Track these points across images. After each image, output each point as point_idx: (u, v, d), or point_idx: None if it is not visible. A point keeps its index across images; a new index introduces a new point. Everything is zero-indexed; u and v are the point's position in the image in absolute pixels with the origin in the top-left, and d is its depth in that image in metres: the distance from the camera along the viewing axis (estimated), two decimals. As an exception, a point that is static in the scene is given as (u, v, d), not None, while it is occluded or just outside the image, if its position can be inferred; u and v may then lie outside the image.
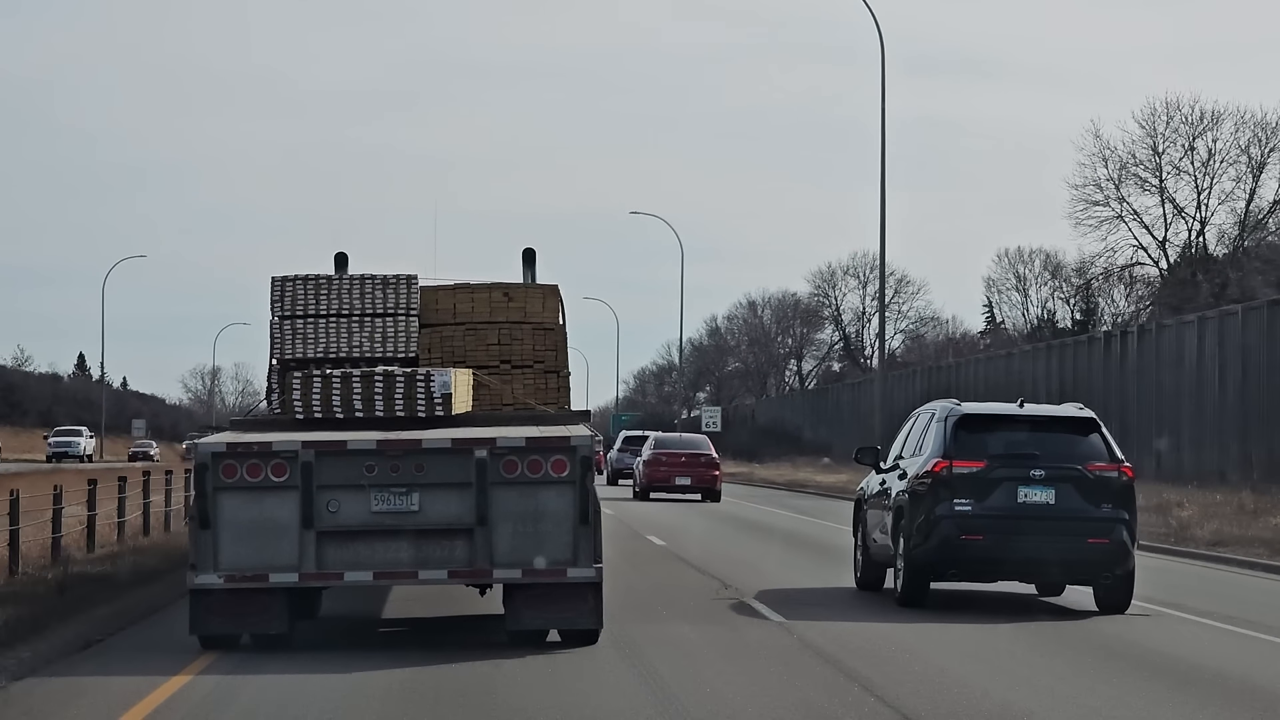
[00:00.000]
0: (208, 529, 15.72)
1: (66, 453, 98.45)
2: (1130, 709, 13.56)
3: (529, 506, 15.93)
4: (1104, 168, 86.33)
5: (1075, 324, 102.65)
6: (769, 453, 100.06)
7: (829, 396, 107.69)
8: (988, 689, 14.38)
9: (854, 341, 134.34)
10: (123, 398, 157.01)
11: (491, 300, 20.12)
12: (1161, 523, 35.43)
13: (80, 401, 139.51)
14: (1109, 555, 20.14)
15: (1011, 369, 69.81)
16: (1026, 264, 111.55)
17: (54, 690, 14.09)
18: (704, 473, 53.80)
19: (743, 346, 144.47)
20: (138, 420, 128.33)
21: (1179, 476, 47.31)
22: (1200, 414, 50.37)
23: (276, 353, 19.35)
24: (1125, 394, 56.32)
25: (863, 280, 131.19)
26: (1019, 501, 20.11)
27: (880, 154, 56.58)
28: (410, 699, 13.57)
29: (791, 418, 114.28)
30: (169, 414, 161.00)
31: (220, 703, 13.41)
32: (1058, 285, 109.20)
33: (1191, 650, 17.39)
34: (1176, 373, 52.35)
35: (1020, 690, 14.41)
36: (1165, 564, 29.11)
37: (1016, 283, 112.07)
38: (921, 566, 20.37)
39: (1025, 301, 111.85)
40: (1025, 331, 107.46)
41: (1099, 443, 20.58)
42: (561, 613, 16.14)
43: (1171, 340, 53.53)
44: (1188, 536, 33.40)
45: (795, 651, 16.39)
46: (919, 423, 21.89)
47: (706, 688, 14.06)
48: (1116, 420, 56.05)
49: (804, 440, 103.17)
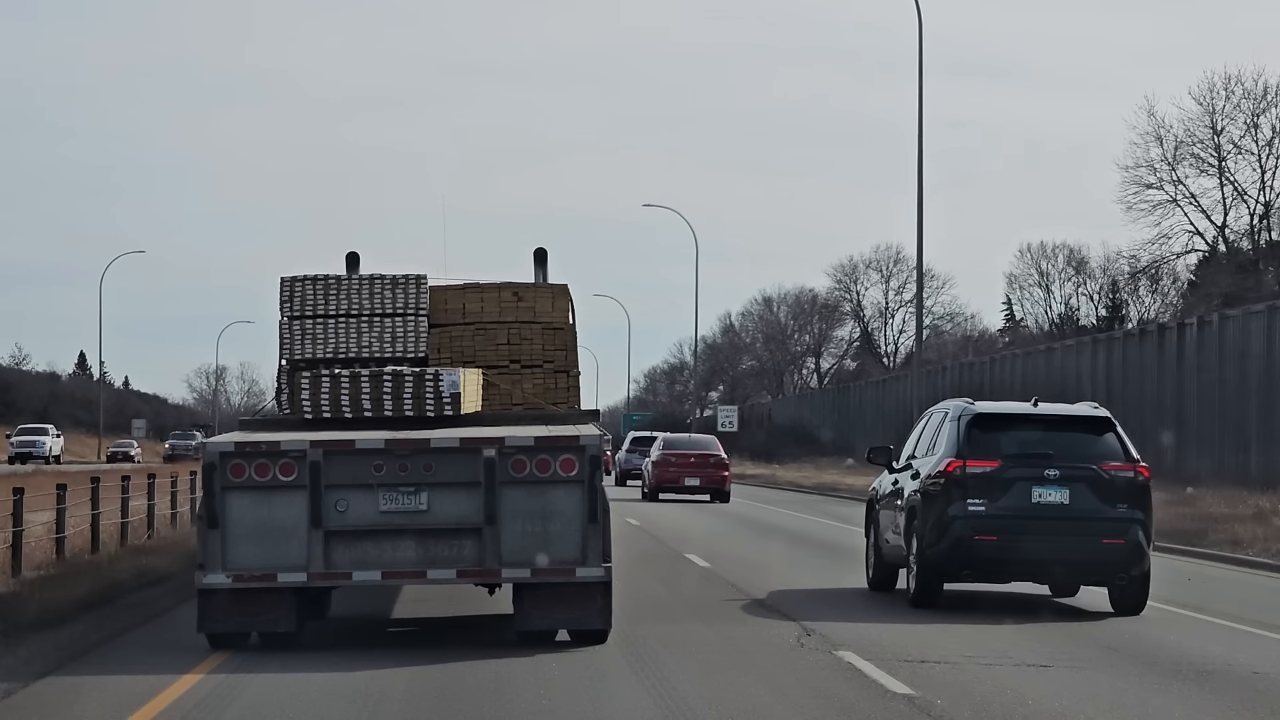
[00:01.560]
0: (216, 528, 16.06)
1: (31, 453, 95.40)
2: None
3: (537, 506, 16.26)
4: (1158, 147, 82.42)
5: (1101, 320, 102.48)
6: (788, 453, 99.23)
7: (851, 395, 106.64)
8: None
9: (874, 338, 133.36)
10: (123, 397, 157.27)
11: (501, 300, 20.42)
12: (1263, 534, 32.49)
13: (78, 400, 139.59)
14: (1125, 556, 20.31)
15: (1052, 365, 67.07)
16: (1050, 259, 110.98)
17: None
18: (713, 473, 54.33)
19: (758, 344, 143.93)
20: (138, 420, 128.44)
21: (1244, 480, 45.01)
22: (1271, 412, 47.84)
23: (286, 353, 19.63)
24: (1183, 391, 53.67)
25: (885, 274, 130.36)
26: (1033, 501, 20.32)
27: (917, 154, 52.61)
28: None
29: (811, 417, 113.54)
30: (171, 413, 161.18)
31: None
32: (1081, 281, 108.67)
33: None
34: (1241, 367, 49.80)
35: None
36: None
37: (1039, 278, 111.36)
38: (934, 567, 20.59)
39: (1048, 298, 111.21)
40: (1046, 329, 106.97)
41: (1114, 442, 20.77)
42: (570, 612, 16.45)
43: (1236, 332, 50.60)
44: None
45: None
46: (932, 422, 22.11)
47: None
48: (1173, 420, 53.22)
49: (824, 440, 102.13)
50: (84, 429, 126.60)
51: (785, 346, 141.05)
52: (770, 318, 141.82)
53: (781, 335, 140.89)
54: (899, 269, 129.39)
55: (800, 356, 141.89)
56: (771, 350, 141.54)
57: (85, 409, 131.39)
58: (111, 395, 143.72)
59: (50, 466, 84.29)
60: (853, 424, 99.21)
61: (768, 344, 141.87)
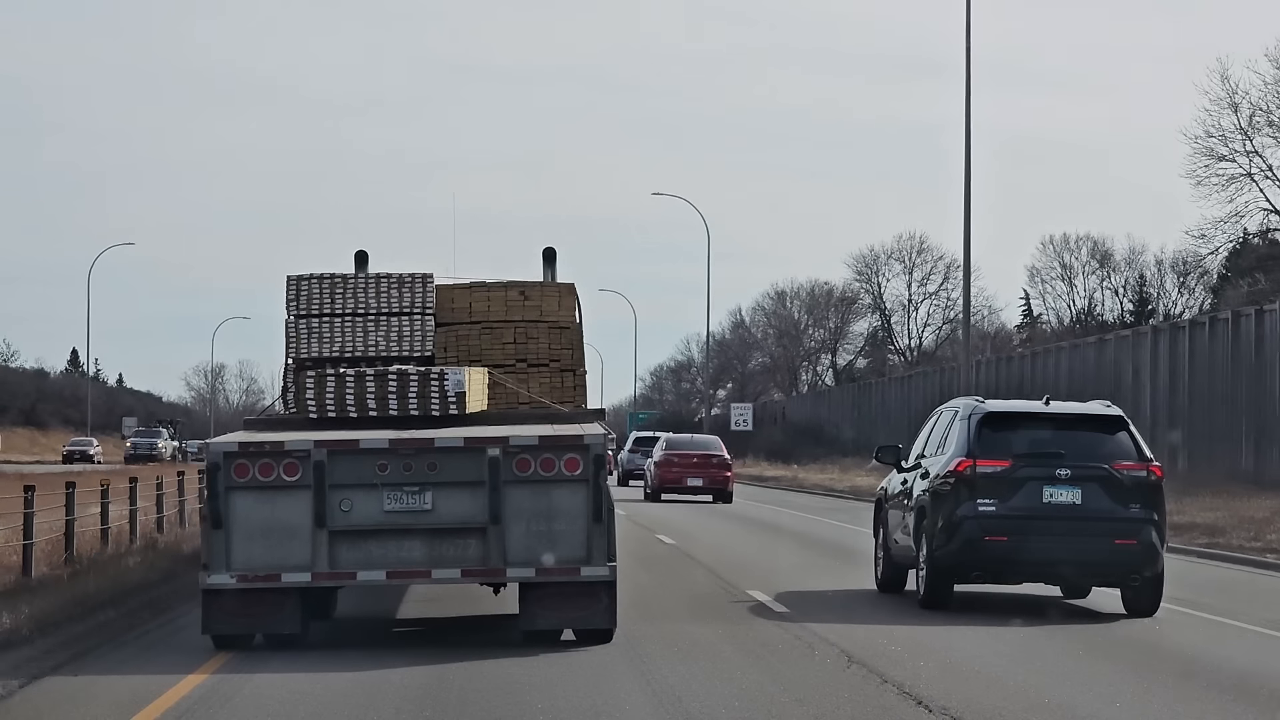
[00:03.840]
0: (220, 529, 16.57)
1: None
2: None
3: (542, 505, 16.77)
4: (1233, 115, 77.08)
5: (1129, 315, 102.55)
6: (806, 453, 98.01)
7: (873, 392, 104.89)
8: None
9: (896, 331, 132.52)
10: (114, 394, 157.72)
11: (507, 299, 20.88)
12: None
13: (67, 398, 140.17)
14: (1137, 557, 20.65)
15: (1104, 358, 63.89)
16: (1073, 252, 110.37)
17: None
18: (716, 474, 55.42)
19: (770, 340, 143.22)
20: (129, 418, 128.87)
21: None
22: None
23: (292, 352, 20.10)
24: (1262, 386, 50.84)
25: (908, 265, 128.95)
26: (1044, 501, 20.62)
27: (965, 156, 52.20)
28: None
29: (830, 415, 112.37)
30: (165, 411, 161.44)
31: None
32: (1105, 274, 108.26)
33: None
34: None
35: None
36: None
37: (1062, 272, 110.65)
38: (944, 568, 20.91)
39: (1071, 292, 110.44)
40: (1068, 324, 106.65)
41: (1127, 441, 21.08)
42: (575, 612, 16.96)
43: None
44: None
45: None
46: (941, 420, 22.42)
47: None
48: (1253, 419, 50.84)
49: (845, 440, 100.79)
50: (73, 427, 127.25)
51: (799, 342, 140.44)
52: (784, 313, 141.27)
53: (795, 331, 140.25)
54: (922, 259, 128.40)
55: (815, 352, 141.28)
56: (785, 346, 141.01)
57: (75, 407, 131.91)
58: (102, 393, 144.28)
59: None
60: (875, 422, 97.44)
61: (780, 339, 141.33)
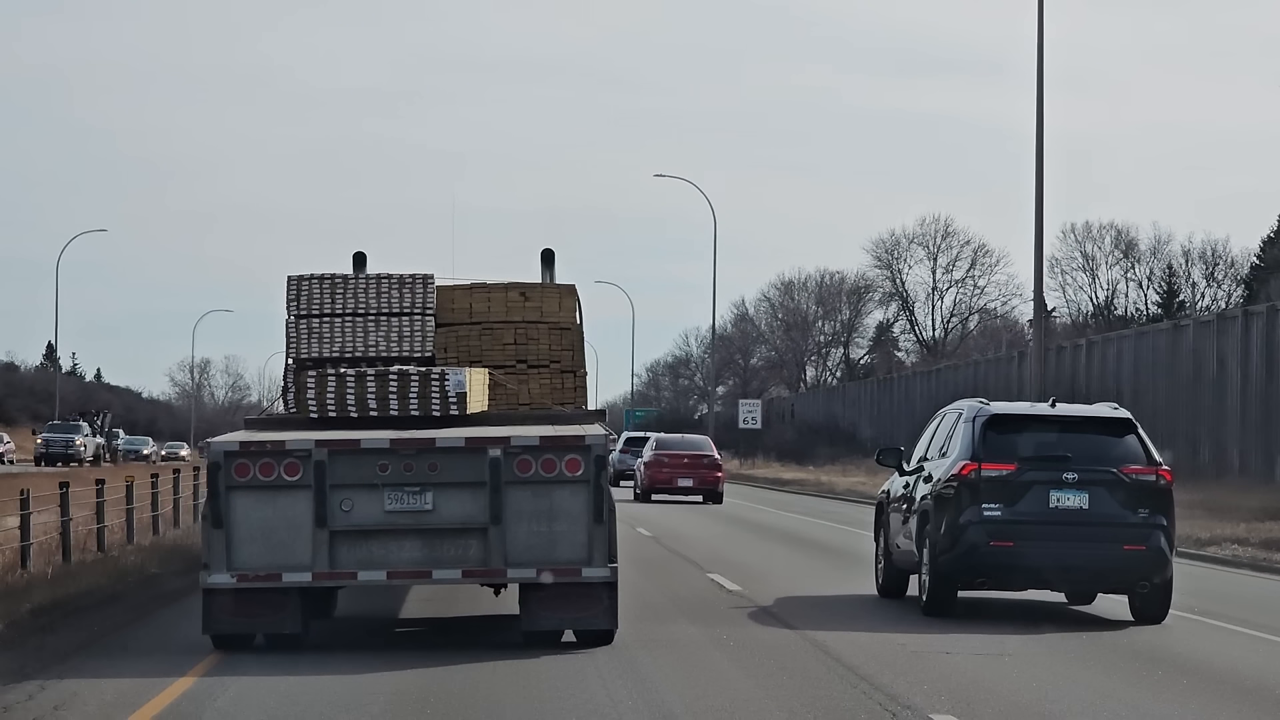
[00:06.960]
0: (220, 528, 17.41)
1: None
2: None
3: (543, 506, 17.61)
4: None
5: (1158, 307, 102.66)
6: (820, 454, 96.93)
7: (895, 388, 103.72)
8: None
9: (919, 322, 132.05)
10: (90, 390, 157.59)
11: (508, 300, 21.73)
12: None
13: (38, 393, 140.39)
14: (1146, 562, 21.15)
15: (1178, 347, 60.89)
16: (1095, 241, 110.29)
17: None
18: (706, 474, 57.03)
19: (776, 333, 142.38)
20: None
21: None
22: None
23: (292, 352, 20.93)
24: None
25: (932, 251, 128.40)
26: (1051, 506, 21.12)
27: (1037, 160, 48.32)
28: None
29: (845, 413, 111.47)
30: (144, 408, 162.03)
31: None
32: (1130, 265, 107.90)
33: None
34: None
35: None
36: None
37: (1084, 262, 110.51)
38: (948, 574, 21.37)
39: (1093, 283, 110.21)
40: (1091, 315, 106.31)
41: (1135, 444, 21.56)
42: (576, 613, 17.78)
43: None
44: None
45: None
46: (945, 423, 22.89)
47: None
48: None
49: (862, 439, 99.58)
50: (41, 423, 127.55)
51: (808, 335, 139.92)
52: (791, 304, 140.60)
53: (804, 323, 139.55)
54: (948, 244, 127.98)
55: (824, 346, 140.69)
56: (792, 340, 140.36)
57: (46, 402, 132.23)
58: (76, 388, 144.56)
59: None
60: (898, 420, 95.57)
61: (788, 333, 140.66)
